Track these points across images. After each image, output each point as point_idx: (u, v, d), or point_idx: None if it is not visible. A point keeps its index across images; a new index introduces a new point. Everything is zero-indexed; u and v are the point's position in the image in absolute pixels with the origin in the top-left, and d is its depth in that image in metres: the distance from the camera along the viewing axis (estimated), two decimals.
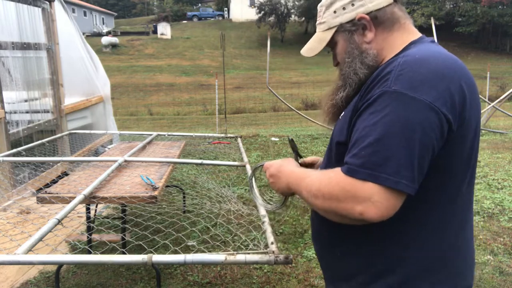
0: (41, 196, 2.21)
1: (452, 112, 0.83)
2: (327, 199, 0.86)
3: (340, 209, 0.83)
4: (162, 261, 1.49)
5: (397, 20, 1.00)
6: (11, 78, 4.21)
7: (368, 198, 0.79)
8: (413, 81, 0.83)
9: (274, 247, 1.55)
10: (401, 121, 0.80)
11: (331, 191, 0.85)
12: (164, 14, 46.43)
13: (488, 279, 2.61)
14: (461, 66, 0.90)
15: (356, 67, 0.99)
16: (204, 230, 3.10)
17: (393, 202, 0.80)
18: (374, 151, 0.80)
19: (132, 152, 3.19)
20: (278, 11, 35.95)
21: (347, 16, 1.01)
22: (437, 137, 0.82)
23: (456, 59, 0.91)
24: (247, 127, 10.59)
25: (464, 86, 0.86)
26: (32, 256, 1.46)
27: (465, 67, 0.91)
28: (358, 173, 0.81)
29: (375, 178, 0.79)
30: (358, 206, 0.80)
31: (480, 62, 31.16)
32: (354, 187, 0.81)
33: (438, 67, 0.85)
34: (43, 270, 2.75)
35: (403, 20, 1.00)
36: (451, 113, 0.83)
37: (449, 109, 0.83)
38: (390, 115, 0.81)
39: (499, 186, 4.43)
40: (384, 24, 0.99)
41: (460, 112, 0.85)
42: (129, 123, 13.18)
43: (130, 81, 23.89)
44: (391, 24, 0.99)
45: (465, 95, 0.86)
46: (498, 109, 8.13)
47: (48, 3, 4.57)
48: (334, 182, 0.85)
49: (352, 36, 1.01)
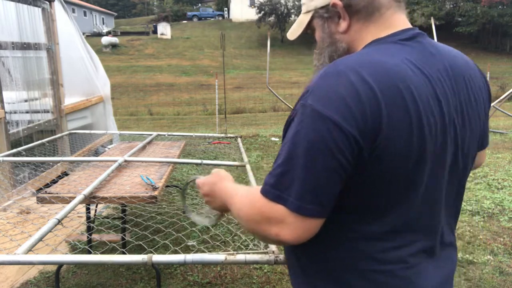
0: (41, 196, 2.21)
1: (363, 132, 0.72)
2: (249, 221, 0.82)
3: (260, 230, 0.79)
4: (162, 261, 1.49)
5: (377, 9, 0.84)
6: (11, 78, 4.22)
7: (281, 221, 0.74)
8: (325, 96, 0.74)
9: (274, 247, 1.55)
10: (308, 140, 0.73)
11: (250, 213, 0.81)
12: (164, 14, 46.42)
13: (488, 279, 2.61)
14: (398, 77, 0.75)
15: (325, 60, 0.91)
16: (204, 230, 3.10)
17: (307, 225, 0.74)
18: (282, 171, 0.75)
19: (132, 152, 3.19)
20: (278, 11, 35.95)
21: (321, 1, 0.89)
22: (346, 157, 0.72)
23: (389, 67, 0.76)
24: (247, 127, 10.59)
25: (386, 104, 0.72)
26: (32, 256, 1.46)
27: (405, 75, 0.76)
28: (270, 193, 0.76)
29: (284, 200, 0.74)
30: (274, 228, 0.75)
31: (480, 62, 31.13)
32: (268, 209, 0.76)
33: (357, 81, 0.73)
34: (43, 270, 2.75)
35: (384, 9, 0.84)
36: (360, 133, 0.72)
37: (360, 128, 0.72)
38: (301, 132, 0.74)
39: (499, 186, 4.43)
40: (360, 14, 0.85)
41: (376, 134, 0.72)
42: (129, 123, 13.18)
43: (130, 81, 23.89)
44: (368, 14, 0.85)
45: (381, 113, 0.72)
46: (498, 109, 8.12)
47: (48, 3, 4.57)
48: (253, 203, 0.80)
49: (325, 23, 0.90)
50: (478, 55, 34.30)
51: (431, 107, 0.77)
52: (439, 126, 0.78)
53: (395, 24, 0.85)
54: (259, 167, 5.49)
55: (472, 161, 0.92)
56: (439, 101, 0.78)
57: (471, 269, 2.74)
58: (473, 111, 0.86)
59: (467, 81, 0.86)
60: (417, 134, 0.75)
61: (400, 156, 0.75)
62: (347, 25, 0.87)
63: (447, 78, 0.82)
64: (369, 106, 0.72)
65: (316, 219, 0.74)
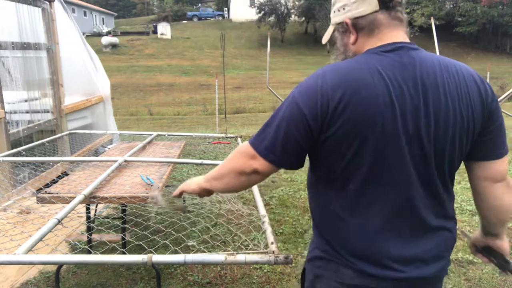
0: (41, 196, 2.21)
1: (315, 120, 1.01)
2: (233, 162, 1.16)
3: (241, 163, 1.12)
4: (162, 261, 1.49)
5: (377, 27, 1.08)
6: (11, 78, 4.22)
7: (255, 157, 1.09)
8: (303, 89, 1.05)
9: (274, 247, 1.55)
10: (280, 116, 1.05)
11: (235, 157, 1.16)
12: (164, 14, 46.42)
13: (488, 279, 2.61)
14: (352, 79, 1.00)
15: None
16: (204, 230, 3.10)
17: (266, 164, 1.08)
18: (261, 131, 1.09)
19: (132, 152, 3.19)
20: (278, 11, 35.95)
21: (339, 18, 1.14)
22: (300, 134, 1.03)
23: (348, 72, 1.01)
24: (247, 127, 10.59)
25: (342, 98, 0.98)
26: (32, 256, 1.46)
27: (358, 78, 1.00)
28: (252, 142, 1.10)
29: (257, 146, 1.08)
30: (251, 161, 1.09)
31: (480, 62, 31.12)
32: (250, 150, 1.10)
33: (324, 81, 1.02)
34: (43, 270, 2.75)
35: (383, 27, 1.08)
36: (313, 121, 1.01)
37: (318, 115, 1.00)
38: (280, 110, 1.07)
39: None
40: (363, 30, 1.10)
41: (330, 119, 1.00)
42: (129, 123, 13.17)
43: (130, 81, 23.89)
44: (370, 30, 1.09)
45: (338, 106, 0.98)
46: None
47: (48, 3, 4.57)
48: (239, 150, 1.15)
49: (342, 35, 1.16)
50: (478, 55, 34.29)
51: (380, 104, 0.98)
52: (386, 120, 0.99)
53: (387, 38, 1.07)
54: None
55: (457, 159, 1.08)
56: (391, 101, 0.99)
57: (471, 269, 2.74)
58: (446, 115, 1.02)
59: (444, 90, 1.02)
60: (356, 121, 0.99)
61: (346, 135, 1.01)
62: (355, 39, 1.11)
63: (411, 85, 1.01)
64: (323, 100, 1.00)
65: (270, 163, 1.08)
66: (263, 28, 35.57)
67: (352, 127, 0.99)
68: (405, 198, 1.05)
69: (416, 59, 1.04)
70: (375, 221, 1.06)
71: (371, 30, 1.08)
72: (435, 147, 1.03)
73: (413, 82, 1.01)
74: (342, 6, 1.11)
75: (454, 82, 1.03)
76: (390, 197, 1.05)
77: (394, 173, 1.03)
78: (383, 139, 1.00)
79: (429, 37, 19.38)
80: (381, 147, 1.01)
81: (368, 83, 0.99)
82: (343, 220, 1.08)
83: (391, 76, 1.00)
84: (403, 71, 1.01)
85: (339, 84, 0.99)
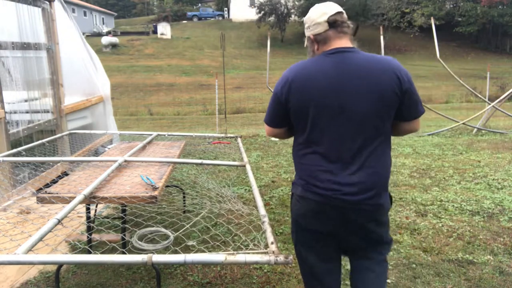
0: (41, 196, 2.21)
1: (278, 96, 1.72)
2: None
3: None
4: (162, 261, 1.49)
5: (328, 40, 1.70)
6: (11, 78, 4.21)
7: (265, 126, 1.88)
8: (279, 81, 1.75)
9: (274, 247, 1.55)
10: (271, 99, 1.78)
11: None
12: (164, 14, 46.40)
13: (488, 279, 2.61)
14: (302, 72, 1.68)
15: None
16: (204, 230, 3.10)
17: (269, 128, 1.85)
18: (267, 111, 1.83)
19: (132, 152, 3.19)
20: (278, 11, 35.93)
21: (307, 34, 1.77)
22: (280, 107, 1.73)
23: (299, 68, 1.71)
24: (247, 127, 10.59)
25: (291, 84, 1.67)
26: (32, 256, 1.46)
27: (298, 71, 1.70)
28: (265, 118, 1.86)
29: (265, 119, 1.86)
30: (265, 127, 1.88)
31: (480, 62, 31.11)
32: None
33: (287, 72, 1.73)
34: (43, 270, 2.75)
35: (331, 40, 1.70)
36: (277, 96, 1.73)
37: (279, 94, 1.72)
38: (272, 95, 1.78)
39: (499, 186, 4.43)
40: (321, 42, 1.73)
41: (287, 97, 1.69)
42: (129, 123, 13.18)
43: (130, 81, 23.89)
44: (324, 42, 1.72)
45: (290, 88, 1.67)
46: (498, 109, 8.12)
47: (48, 3, 4.57)
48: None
49: (310, 44, 1.78)
50: (478, 55, 34.28)
51: (321, 87, 1.63)
52: (325, 95, 1.63)
53: (333, 46, 1.70)
54: (259, 167, 5.49)
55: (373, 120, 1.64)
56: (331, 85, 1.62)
57: (471, 269, 2.74)
58: (367, 92, 1.61)
59: (367, 78, 1.62)
60: (306, 96, 1.65)
61: (297, 107, 1.68)
62: (317, 47, 1.75)
63: (343, 76, 1.62)
64: (287, 87, 1.69)
65: (271, 127, 1.84)
66: (263, 28, 35.56)
67: (299, 101, 1.67)
68: (343, 143, 1.67)
69: (346, 58, 1.65)
70: (323, 159, 1.70)
71: (325, 41, 1.71)
72: (352, 113, 1.63)
73: (339, 73, 1.63)
74: (308, 27, 1.76)
75: (369, 72, 1.62)
76: (335, 143, 1.67)
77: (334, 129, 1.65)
78: (318, 109, 1.65)
79: (429, 37, 19.31)
80: (316, 114, 1.66)
81: (314, 75, 1.65)
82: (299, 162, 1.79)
83: (328, 69, 1.65)
84: (337, 67, 1.64)
85: (294, 75, 1.69)
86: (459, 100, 17.22)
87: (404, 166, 5.38)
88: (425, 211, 3.78)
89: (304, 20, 1.79)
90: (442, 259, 2.88)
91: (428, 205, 3.93)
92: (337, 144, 1.64)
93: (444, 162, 5.54)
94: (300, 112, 1.66)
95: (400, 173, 5.04)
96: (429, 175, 4.94)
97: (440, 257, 2.91)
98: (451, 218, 3.61)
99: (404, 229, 3.38)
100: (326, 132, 1.65)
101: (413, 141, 7.16)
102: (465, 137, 7.55)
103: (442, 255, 2.94)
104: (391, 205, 1.80)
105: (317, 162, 1.69)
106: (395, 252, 2.99)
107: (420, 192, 4.31)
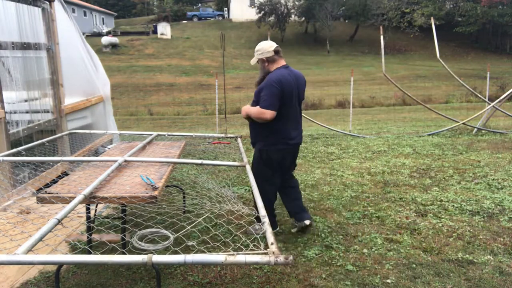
0: (41, 196, 2.21)
1: (280, 89, 3.03)
2: (256, 115, 3.11)
3: (259, 117, 3.09)
4: (162, 261, 1.49)
5: (275, 60, 3.16)
6: (11, 78, 4.21)
7: (264, 112, 3.05)
8: (273, 79, 3.06)
9: (274, 248, 1.55)
10: (270, 91, 3.04)
11: (256, 112, 3.10)
12: (164, 14, 46.40)
13: (488, 279, 2.61)
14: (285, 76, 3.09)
15: (263, 73, 3.22)
16: (204, 230, 3.10)
17: (269, 112, 3.03)
18: (264, 99, 3.05)
19: (132, 152, 3.19)
20: (278, 11, 35.95)
21: (260, 57, 3.18)
22: (278, 96, 3.03)
23: (284, 74, 3.10)
24: (247, 127, 10.56)
25: (283, 82, 3.04)
26: (32, 256, 1.46)
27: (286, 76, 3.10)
28: (262, 105, 3.06)
29: (264, 107, 3.04)
30: (263, 114, 3.05)
31: (480, 62, 31.12)
32: (262, 109, 3.06)
33: (277, 75, 3.08)
34: (43, 270, 2.75)
35: (278, 60, 3.17)
36: (279, 90, 3.03)
37: (280, 88, 3.03)
38: (268, 88, 3.05)
39: (499, 186, 4.43)
40: (270, 61, 3.16)
41: (282, 89, 3.03)
42: (129, 123, 13.18)
43: (130, 81, 23.89)
44: (272, 61, 3.16)
45: (283, 85, 3.04)
46: (498, 109, 8.12)
47: (48, 3, 4.57)
48: (258, 110, 3.08)
49: (261, 63, 3.21)
50: (478, 55, 34.28)
51: (292, 87, 3.13)
52: (294, 91, 3.15)
53: (280, 64, 3.19)
54: None
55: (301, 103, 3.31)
56: (297, 86, 3.19)
57: (471, 269, 2.74)
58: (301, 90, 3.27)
59: (300, 82, 3.25)
60: (288, 92, 3.10)
61: (286, 97, 3.09)
62: (268, 65, 3.19)
63: (297, 80, 3.20)
64: (281, 84, 3.06)
65: (271, 110, 3.04)
66: (263, 28, 35.56)
67: (286, 92, 3.06)
68: (295, 117, 3.24)
69: (290, 70, 3.17)
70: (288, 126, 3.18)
71: (273, 61, 3.16)
72: (298, 100, 3.22)
73: (295, 79, 3.15)
74: (261, 52, 3.15)
75: (299, 78, 3.23)
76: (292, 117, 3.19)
77: (292, 109, 3.16)
78: (291, 98, 3.12)
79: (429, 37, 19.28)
80: (289, 101, 3.11)
81: (288, 79, 3.10)
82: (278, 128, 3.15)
83: (289, 77, 3.12)
84: (290, 74, 3.14)
85: (281, 79, 3.06)
86: (459, 100, 17.22)
87: (404, 166, 5.38)
88: (425, 211, 3.78)
89: (257, 48, 3.17)
90: (442, 259, 2.88)
91: (428, 205, 3.93)
92: (294, 116, 3.21)
93: (444, 162, 5.54)
94: (286, 98, 3.07)
95: (400, 173, 5.04)
96: (429, 175, 4.94)
97: (440, 257, 2.91)
98: (451, 218, 3.61)
99: (404, 229, 3.38)
100: (291, 110, 3.16)
101: (413, 141, 7.16)
102: (465, 137, 7.55)
103: (442, 255, 2.94)
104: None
105: (288, 126, 3.17)
106: (395, 252, 2.99)
107: (420, 192, 4.31)
